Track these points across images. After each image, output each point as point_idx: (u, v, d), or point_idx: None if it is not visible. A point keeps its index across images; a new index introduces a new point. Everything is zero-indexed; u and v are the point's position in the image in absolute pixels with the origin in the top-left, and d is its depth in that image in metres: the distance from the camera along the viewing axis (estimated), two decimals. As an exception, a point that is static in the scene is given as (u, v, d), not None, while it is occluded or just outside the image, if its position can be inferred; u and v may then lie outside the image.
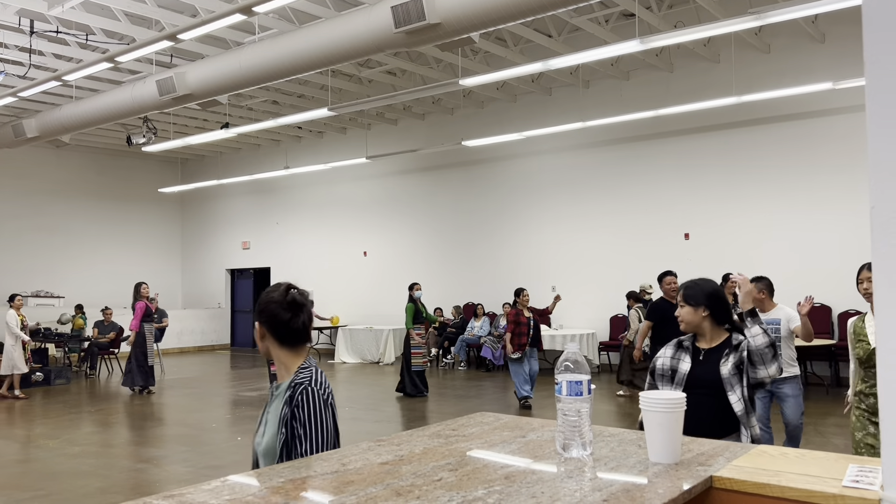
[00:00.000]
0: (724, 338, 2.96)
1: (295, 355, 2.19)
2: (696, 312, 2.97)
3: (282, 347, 2.19)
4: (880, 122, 1.34)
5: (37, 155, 18.28)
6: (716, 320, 2.96)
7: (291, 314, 2.17)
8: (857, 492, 1.51)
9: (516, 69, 10.03)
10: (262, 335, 2.22)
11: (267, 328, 2.19)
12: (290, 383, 2.13)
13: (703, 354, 2.95)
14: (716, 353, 2.92)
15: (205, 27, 8.27)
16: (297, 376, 2.14)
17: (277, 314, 2.17)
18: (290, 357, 2.19)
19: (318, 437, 2.07)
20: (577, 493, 1.51)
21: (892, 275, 1.30)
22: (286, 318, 2.16)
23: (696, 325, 2.98)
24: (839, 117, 11.11)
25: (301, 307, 2.19)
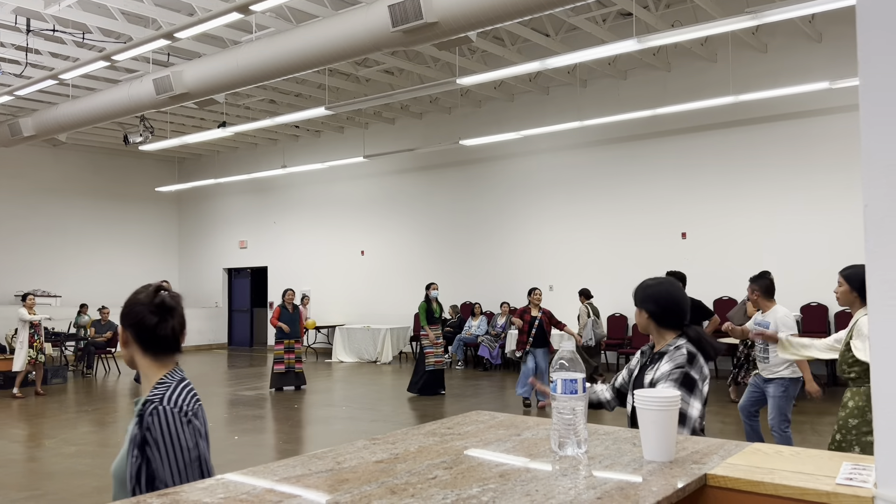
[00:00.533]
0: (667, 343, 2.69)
1: (159, 366, 1.98)
2: (640, 314, 2.78)
3: (145, 356, 1.97)
4: (873, 120, 1.34)
5: (33, 154, 18.24)
6: (659, 323, 2.71)
7: (158, 319, 1.95)
8: (851, 489, 1.52)
9: (514, 68, 10.03)
10: (125, 340, 1.99)
11: (131, 333, 1.98)
12: (144, 400, 1.92)
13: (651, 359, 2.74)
14: (658, 357, 2.70)
15: (202, 26, 8.26)
16: (152, 392, 1.92)
17: (143, 318, 1.95)
18: (152, 367, 1.98)
19: (174, 464, 1.85)
20: (572, 490, 1.52)
21: (885, 273, 1.31)
22: (152, 323, 1.94)
23: (643, 326, 2.79)
24: (836, 116, 11.13)
25: (170, 311, 1.97)
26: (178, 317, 2.00)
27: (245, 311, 20.41)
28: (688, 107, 11.14)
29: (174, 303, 1.99)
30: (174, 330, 1.98)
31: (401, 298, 15.95)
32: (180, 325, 2.00)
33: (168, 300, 1.98)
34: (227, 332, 20.52)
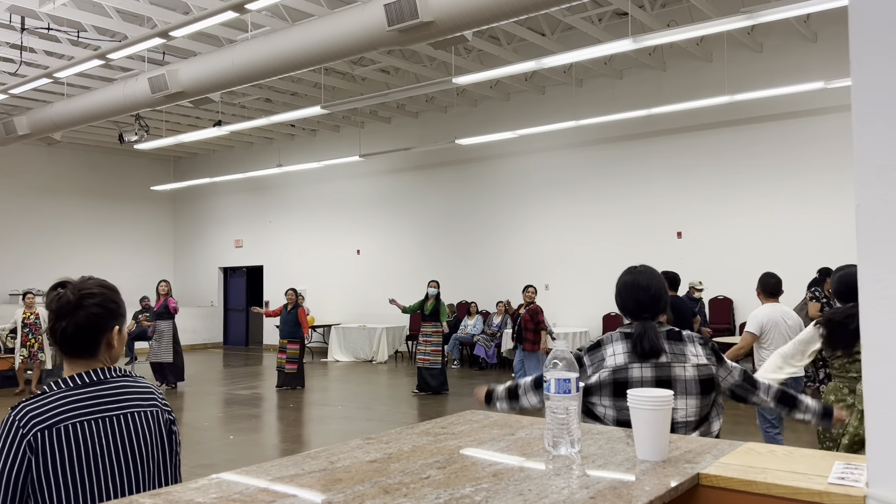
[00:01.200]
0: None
1: (70, 368, 1.85)
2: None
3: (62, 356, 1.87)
4: (866, 120, 1.34)
5: (28, 152, 18.19)
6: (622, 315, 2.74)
7: (55, 318, 1.83)
8: (843, 489, 1.52)
9: (509, 67, 10.03)
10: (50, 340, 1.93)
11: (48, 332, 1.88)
12: None
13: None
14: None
15: (197, 24, 8.24)
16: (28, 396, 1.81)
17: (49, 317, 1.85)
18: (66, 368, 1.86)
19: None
20: (565, 490, 1.52)
21: (877, 272, 1.31)
22: (51, 323, 1.84)
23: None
24: (830, 116, 11.16)
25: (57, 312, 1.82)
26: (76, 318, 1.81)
27: (241, 310, 20.38)
28: (683, 106, 11.15)
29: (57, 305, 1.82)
30: (65, 332, 1.81)
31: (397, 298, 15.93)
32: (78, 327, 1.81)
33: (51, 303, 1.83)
34: (223, 331, 20.49)
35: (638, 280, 2.66)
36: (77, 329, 1.82)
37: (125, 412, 1.85)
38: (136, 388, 1.91)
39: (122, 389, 1.87)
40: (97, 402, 1.81)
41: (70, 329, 1.82)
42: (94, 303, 1.84)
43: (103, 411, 1.81)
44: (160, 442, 1.91)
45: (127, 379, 1.90)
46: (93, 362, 1.86)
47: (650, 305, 2.59)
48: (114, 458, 1.80)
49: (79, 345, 1.84)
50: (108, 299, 1.88)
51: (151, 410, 1.91)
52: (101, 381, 1.84)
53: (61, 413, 1.75)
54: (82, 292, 1.84)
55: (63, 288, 1.86)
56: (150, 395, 1.94)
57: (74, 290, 1.84)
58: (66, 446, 1.73)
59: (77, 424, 1.76)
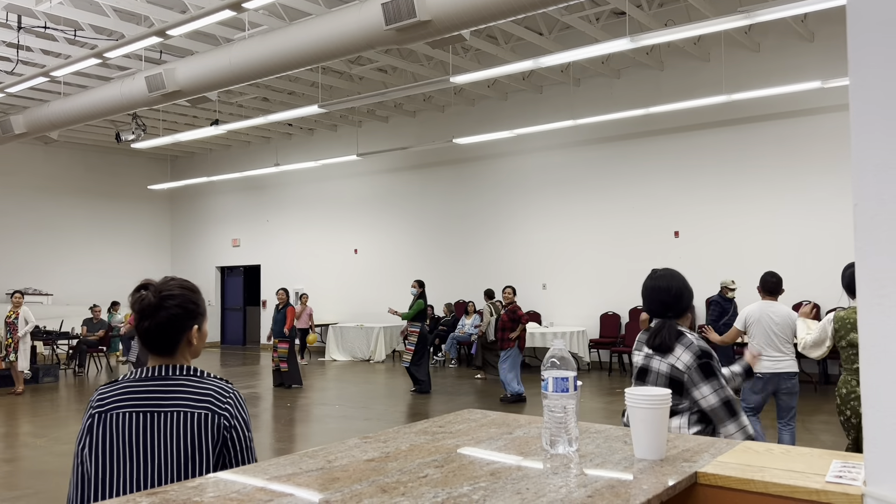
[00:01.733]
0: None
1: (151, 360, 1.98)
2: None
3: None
4: (863, 119, 1.34)
5: (24, 151, 18.15)
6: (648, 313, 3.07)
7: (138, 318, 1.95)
8: (840, 487, 1.52)
9: (507, 67, 10.03)
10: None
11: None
12: None
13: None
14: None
15: (194, 23, 8.23)
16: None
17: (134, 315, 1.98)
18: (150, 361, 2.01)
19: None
20: (563, 489, 1.52)
21: (874, 271, 1.31)
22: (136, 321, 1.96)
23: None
24: (828, 116, 11.18)
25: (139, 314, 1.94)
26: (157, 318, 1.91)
27: (238, 309, 20.36)
28: (680, 106, 11.16)
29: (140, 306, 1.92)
30: (148, 331, 1.92)
31: (394, 297, 15.93)
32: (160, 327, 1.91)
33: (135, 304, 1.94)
34: (220, 330, 20.47)
35: (659, 283, 2.91)
36: (158, 328, 1.92)
37: (172, 410, 1.88)
38: (194, 388, 1.92)
39: (179, 388, 1.91)
40: (151, 396, 1.89)
41: (152, 328, 1.92)
42: (174, 304, 1.93)
43: (152, 406, 1.88)
44: (199, 443, 1.88)
45: (191, 379, 1.93)
46: (172, 359, 1.95)
47: (673, 305, 2.86)
48: (148, 452, 1.85)
49: (160, 343, 1.93)
50: (187, 300, 1.96)
51: (201, 413, 1.89)
52: (163, 378, 1.92)
53: (117, 401, 1.88)
54: (163, 294, 1.93)
55: (145, 290, 1.95)
56: (207, 398, 1.91)
57: (155, 292, 1.94)
58: (110, 433, 1.85)
59: (125, 414, 1.86)
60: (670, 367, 2.71)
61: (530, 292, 14.46)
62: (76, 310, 15.68)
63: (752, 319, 5.71)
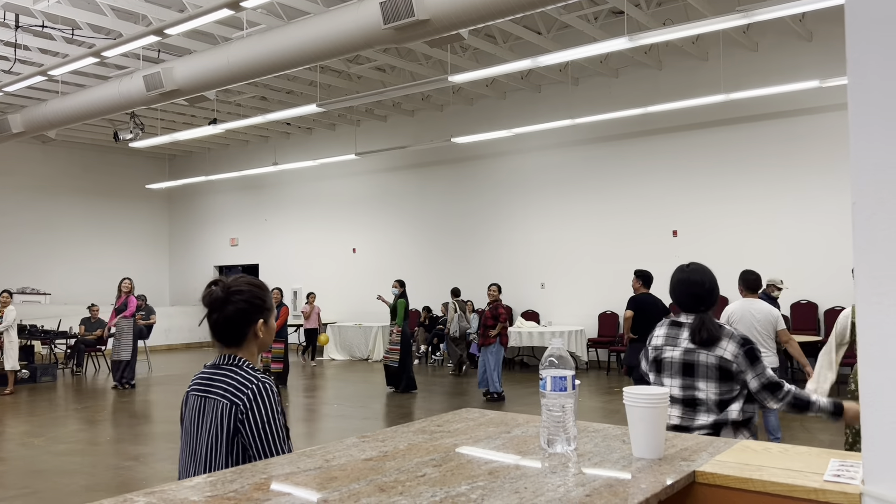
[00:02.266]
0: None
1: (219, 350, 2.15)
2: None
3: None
4: (861, 118, 1.34)
5: (22, 151, 18.12)
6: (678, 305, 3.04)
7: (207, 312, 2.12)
8: (839, 486, 1.53)
9: (505, 66, 10.03)
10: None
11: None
12: None
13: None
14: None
15: (192, 22, 8.22)
16: None
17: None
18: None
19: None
20: (561, 488, 1.52)
21: (872, 270, 1.31)
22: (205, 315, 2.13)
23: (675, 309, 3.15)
24: (826, 115, 11.18)
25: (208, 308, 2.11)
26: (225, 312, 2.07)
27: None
28: (679, 105, 11.17)
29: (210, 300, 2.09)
30: (216, 323, 2.09)
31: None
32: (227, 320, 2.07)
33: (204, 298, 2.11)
34: (218, 329, 20.43)
35: (691, 277, 2.96)
36: (226, 321, 2.08)
37: (212, 397, 2.04)
38: (233, 379, 2.04)
39: (223, 377, 2.06)
40: (207, 382, 2.08)
41: (220, 321, 2.08)
42: (241, 298, 2.09)
43: (205, 391, 2.07)
44: (221, 431, 1.99)
45: (232, 369, 2.07)
46: (239, 350, 2.11)
47: (706, 298, 2.91)
48: (193, 431, 2.06)
49: (227, 335, 2.09)
50: (254, 296, 2.11)
51: (225, 402, 2.01)
52: (219, 367, 2.09)
53: (194, 384, 2.11)
54: (231, 289, 2.09)
55: (215, 286, 2.11)
56: (233, 388, 2.02)
57: (224, 288, 2.10)
58: (186, 412, 2.11)
59: (194, 397, 2.09)
60: (719, 358, 2.78)
61: (529, 291, 14.46)
62: (74, 309, 15.65)
63: (735, 318, 5.86)
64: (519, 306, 14.42)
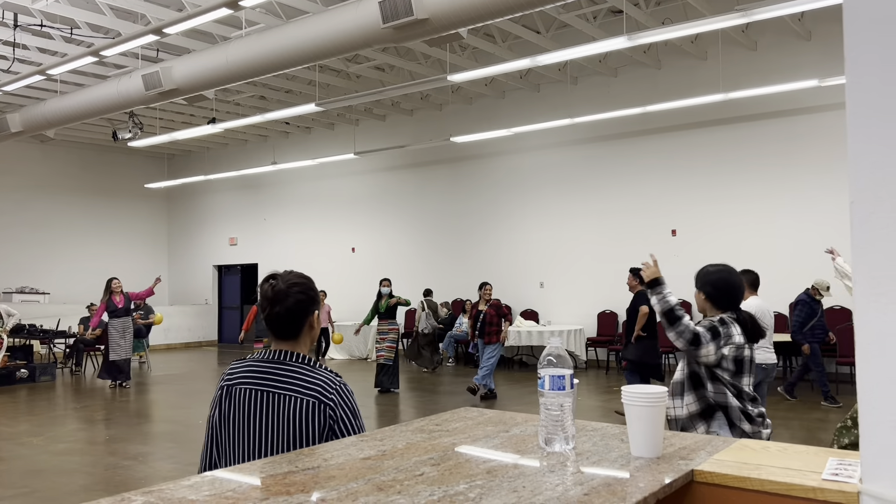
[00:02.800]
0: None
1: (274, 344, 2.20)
2: (698, 294, 3.24)
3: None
4: (859, 117, 1.34)
5: (21, 150, 18.11)
6: (714, 304, 3.17)
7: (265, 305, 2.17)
8: (837, 485, 1.53)
9: (504, 65, 10.03)
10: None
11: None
12: None
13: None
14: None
15: (191, 21, 8.21)
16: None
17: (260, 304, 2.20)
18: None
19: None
20: (559, 487, 1.52)
21: (871, 269, 1.31)
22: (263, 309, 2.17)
23: (700, 306, 3.24)
24: (825, 114, 11.19)
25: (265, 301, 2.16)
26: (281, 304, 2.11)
27: (235, 308, 20.34)
28: (678, 104, 11.17)
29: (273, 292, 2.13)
30: (279, 315, 2.12)
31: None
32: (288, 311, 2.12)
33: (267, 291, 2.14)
34: (217, 329, 20.45)
35: (735, 279, 3.19)
36: (288, 313, 2.12)
37: (285, 393, 2.04)
38: (307, 376, 2.08)
39: (294, 373, 2.08)
40: (269, 376, 2.07)
41: (283, 313, 2.12)
42: (299, 290, 2.15)
43: (269, 386, 2.06)
44: (306, 428, 2.02)
45: (305, 367, 2.10)
46: (294, 343, 2.15)
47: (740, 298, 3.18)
48: (248, 425, 2.04)
49: (288, 326, 2.13)
50: (308, 287, 2.18)
51: (310, 400, 2.04)
52: (282, 361, 2.10)
53: (242, 377, 2.10)
54: (290, 282, 2.15)
55: (274, 279, 2.16)
56: (316, 387, 2.07)
57: (284, 280, 2.15)
58: (233, 405, 2.07)
59: (247, 390, 2.07)
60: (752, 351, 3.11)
61: (528, 291, 14.47)
62: (73, 308, 15.65)
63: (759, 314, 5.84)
64: (518, 305, 14.42)
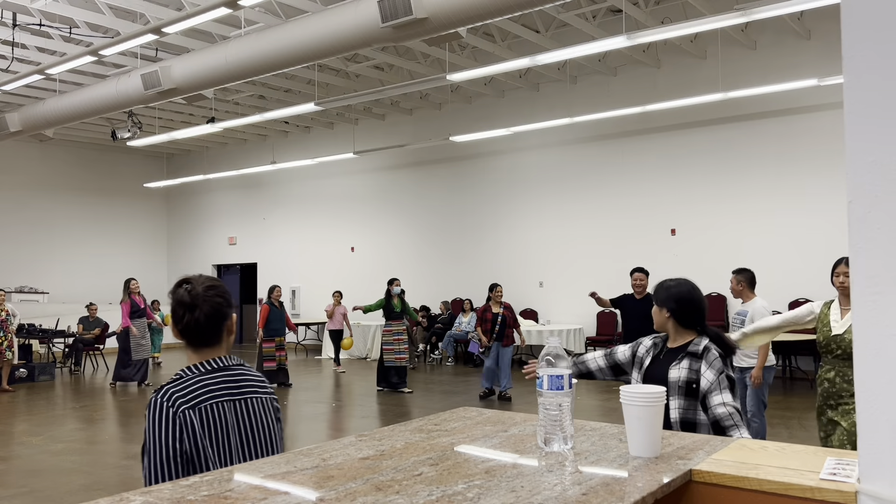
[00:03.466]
0: (688, 340, 2.85)
1: (194, 356, 2.04)
2: (660, 312, 2.90)
3: (186, 347, 2.05)
4: (857, 116, 1.34)
5: (20, 149, 18.10)
6: (679, 322, 2.85)
7: (182, 312, 2.01)
8: (834, 484, 1.53)
9: (504, 64, 10.02)
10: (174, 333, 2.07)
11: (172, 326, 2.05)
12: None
13: (665, 353, 2.88)
14: (674, 353, 2.85)
15: (190, 20, 8.21)
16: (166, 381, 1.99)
17: (174, 310, 2.03)
18: (189, 357, 2.05)
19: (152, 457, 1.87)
20: (558, 486, 1.52)
21: (868, 269, 1.31)
22: (179, 315, 2.01)
23: (661, 324, 2.92)
24: (824, 113, 11.19)
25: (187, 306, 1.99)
26: (201, 309, 1.99)
27: (234, 307, 20.33)
28: (677, 103, 11.17)
29: (189, 297, 2.00)
30: (197, 322, 1.99)
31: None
32: (206, 318, 1.99)
33: (183, 296, 2.00)
34: (217, 328, 20.43)
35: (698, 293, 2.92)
36: (208, 319, 2.00)
37: (248, 397, 2.03)
38: (252, 375, 2.08)
39: (243, 376, 2.06)
40: (227, 385, 2.01)
41: (202, 319, 2.00)
42: (216, 294, 2.03)
43: (233, 394, 2.00)
44: (272, 426, 2.07)
45: (243, 367, 2.08)
46: (217, 350, 2.05)
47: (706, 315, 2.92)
48: (241, 436, 1.99)
49: (208, 333, 2.02)
50: (224, 290, 2.08)
51: (266, 397, 2.08)
52: (225, 368, 2.04)
53: (201, 395, 1.95)
54: (205, 285, 2.03)
55: (188, 283, 2.03)
56: (264, 383, 2.11)
57: (199, 284, 2.03)
58: (206, 424, 1.93)
59: (215, 405, 1.96)
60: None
61: (527, 290, 14.47)
62: (72, 308, 15.64)
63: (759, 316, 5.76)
64: (517, 305, 14.39)
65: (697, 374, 2.73)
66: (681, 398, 2.73)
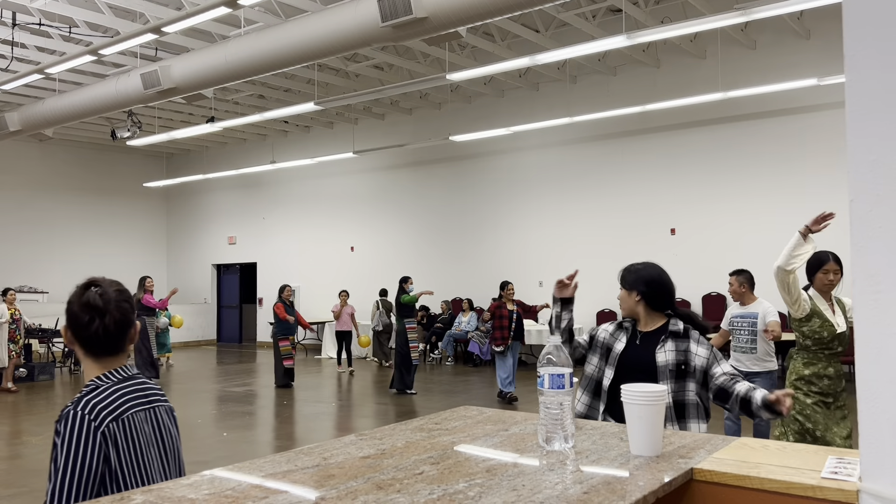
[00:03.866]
0: (661, 323, 2.85)
1: (99, 366, 1.88)
2: (629, 296, 2.93)
3: (86, 355, 1.87)
4: (859, 115, 1.34)
5: (19, 149, 18.09)
6: (650, 305, 2.86)
7: (88, 318, 1.83)
8: (836, 483, 1.53)
9: (503, 64, 10.02)
10: (69, 339, 1.89)
11: (70, 332, 1.88)
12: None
13: (640, 338, 2.86)
14: (652, 337, 2.83)
15: (190, 20, 8.20)
16: (78, 393, 1.85)
17: (76, 317, 1.85)
18: (92, 367, 1.88)
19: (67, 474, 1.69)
20: (559, 485, 1.52)
21: (870, 268, 1.31)
22: (83, 322, 1.83)
23: (630, 308, 2.92)
24: (824, 113, 11.19)
25: (97, 310, 1.83)
26: (111, 315, 1.83)
27: (234, 307, 20.33)
28: (677, 103, 11.16)
29: (101, 301, 1.83)
30: (106, 329, 1.83)
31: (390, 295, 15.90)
32: (116, 324, 1.84)
33: (94, 299, 1.83)
34: (216, 328, 20.44)
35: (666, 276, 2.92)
36: (117, 325, 1.86)
37: (156, 405, 1.95)
38: (151, 384, 2.00)
39: (146, 385, 1.95)
40: (139, 395, 1.90)
41: (111, 326, 1.84)
42: (124, 298, 1.89)
43: (146, 404, 1.91)
44: (177, 437, 2.02)
45: (140, 376, 1.97)
46: (119, 358, 1.91)
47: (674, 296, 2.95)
48: (158, 446, 1.92)
49: (118, 340, 1.88)
50: (130, 296, 1.94)
51: (168, 406, 2.02)
52: (131, 378, 1.92)
53: (123, 405, 1.84)
54: (115, 289, 1.89)
55: (98, 286, 1.88)
56: (163, 393, 2.03)
57: (109, 286, 1.88)
58: (130, 436, 1.82)
59: (135, 416, 1.85)
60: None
61: (527, 289, 14.44)
62: (72, 307, 15.60)
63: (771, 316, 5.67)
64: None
65: (686, 354, 2.73)
66: (671, 381, 2.70)
